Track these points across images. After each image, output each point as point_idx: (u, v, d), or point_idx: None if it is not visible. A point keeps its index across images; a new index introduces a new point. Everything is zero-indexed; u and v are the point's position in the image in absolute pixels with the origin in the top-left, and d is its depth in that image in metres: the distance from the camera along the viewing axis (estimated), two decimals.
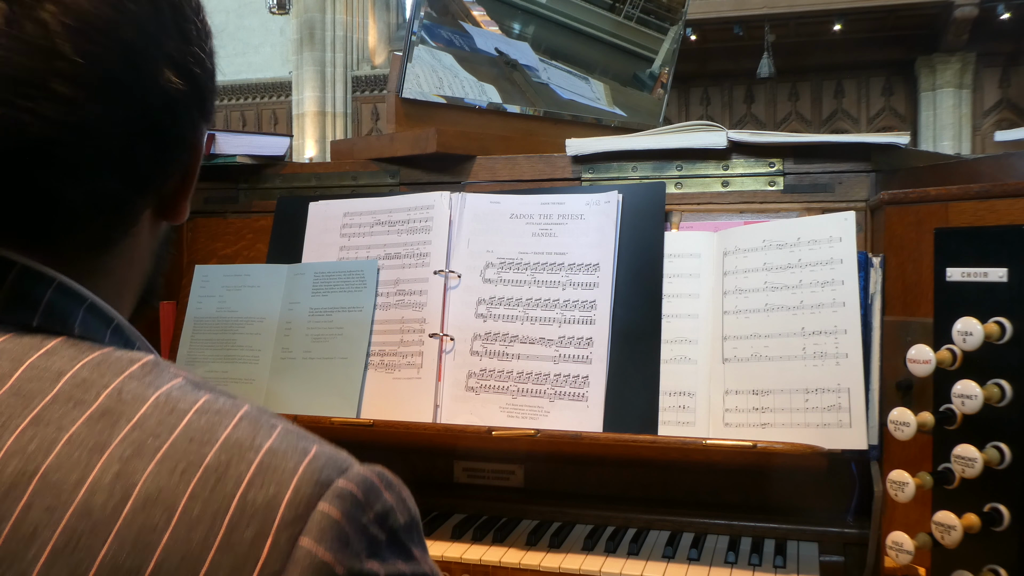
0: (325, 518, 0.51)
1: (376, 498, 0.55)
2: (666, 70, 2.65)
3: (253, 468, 0.52)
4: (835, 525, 1.51)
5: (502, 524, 1.62)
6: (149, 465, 0.51)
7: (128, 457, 0.51)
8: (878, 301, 1.47)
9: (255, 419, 0.56)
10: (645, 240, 1.65)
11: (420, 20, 2.03)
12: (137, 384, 0.56)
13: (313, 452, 0.54)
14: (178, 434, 0.53)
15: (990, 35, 10.75)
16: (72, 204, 0.61)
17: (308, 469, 0.53)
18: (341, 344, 1.73)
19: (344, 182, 2.00)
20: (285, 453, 0.53)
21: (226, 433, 0.54)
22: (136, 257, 0.70)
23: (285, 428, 0.56)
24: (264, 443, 0.54)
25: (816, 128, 12.19)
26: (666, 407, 1.55)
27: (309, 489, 0.52)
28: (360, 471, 0.55)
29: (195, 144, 0.70)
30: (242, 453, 0.53)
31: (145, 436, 0.53)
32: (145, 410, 0.54)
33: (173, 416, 0.54)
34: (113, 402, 0.54)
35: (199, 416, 0.54)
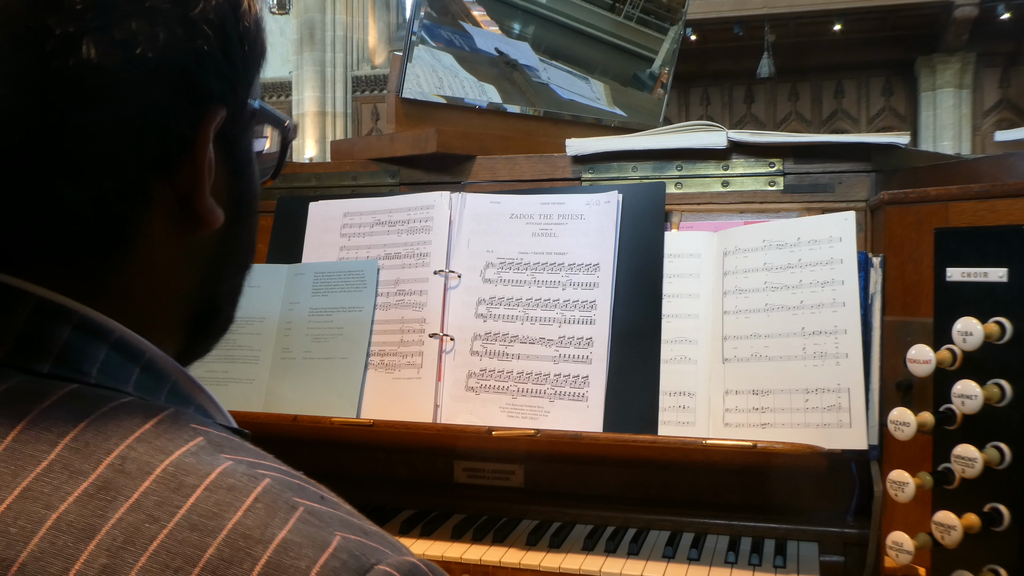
0: None
1: None
2: (666, 70, 2.65)
3: (258, 568, 0.45)
4: (835, 525, 1.51)
5: (502, 524, 1.62)
6: (140, 559, 0.44)
7: (119, 547, 0.45)
8: (878, 301, 1.47)
9: (274, 499, 0.48)
10: (645, 240, 1.65)
11: (420, 20, 2.03)
12: (146, 449, 0.49)
13: (333, 547, 0.47)
14: (179, 520, 0.46)
15: (990, 35, 10.75)
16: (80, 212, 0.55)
17: (322, 571, 0.45)
18: (341, 344, 1.73)
19: (344, 182, 2.00)
20: (299, 548, 0.46)
21: (235, 520, 0.46)
22: (161, 274, 0.61)
23: (307, 511, 0.48)
24: (277, 534, 0.46)
25: (816, 128, 12.19)
26: (666, 407, 1.55)
27: None
28: (384, 570, 0.47)
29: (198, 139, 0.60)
30: (249, 548, 0.45)
31: (142, 520, 0.46)
32: (148, 485, 0.47)
33: (178, 494, 0.47)
34: (114, 473, 0.47)
35: (208, 495, 0.47)
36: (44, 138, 0.53)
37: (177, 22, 0.57)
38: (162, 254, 0.61)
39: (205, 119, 0.60)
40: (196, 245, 0.63)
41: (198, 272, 0.65)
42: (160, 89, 0.56)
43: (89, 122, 0.54)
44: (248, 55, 0.64)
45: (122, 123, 0.55)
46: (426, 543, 1.55)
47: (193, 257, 0.64)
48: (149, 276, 0.60)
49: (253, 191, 0.69)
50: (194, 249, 0.63)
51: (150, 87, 0.56)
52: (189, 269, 0.64)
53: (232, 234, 0.66)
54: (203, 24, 0.59)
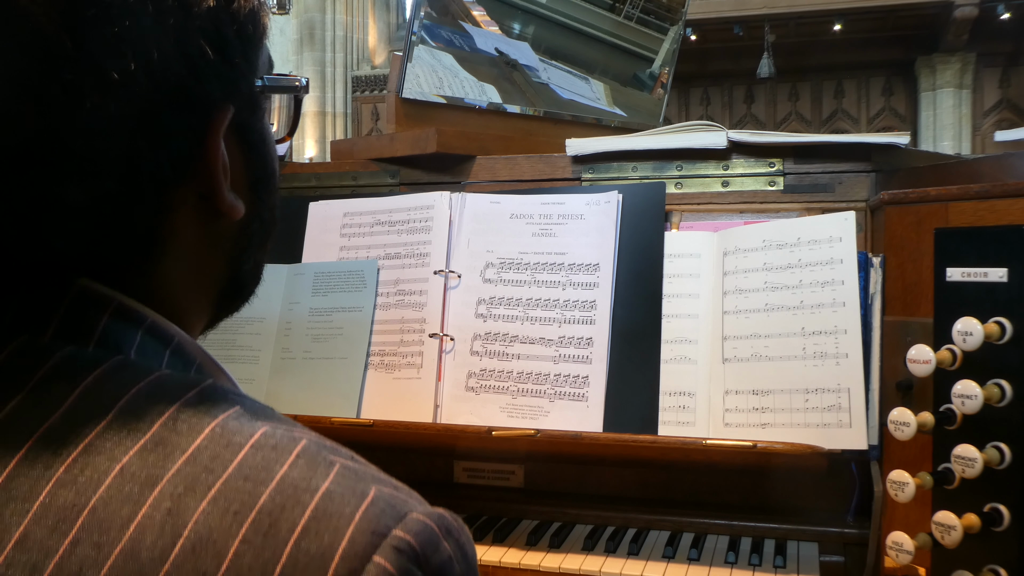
0: (381, 573, 0.48)
1: (434, 550, 0.52)
2: (666, 70, 2.65)
3: (308, 513, 0.49)
4: (835, 525, 1.51)
5: (502, 524, 1.62)
6: (202, 503, 0.49)
7: (181, 494, 0.49)
8: (878, 301, 1.47)
9: (313, 456, 0.53)
10: (645, 240, 1.65)
11: (420, 20, 2.03)
12: (192, 412, 0.53)
13: (371, 497, 0.51)
14: (232, 471, 0.50)
15: (990, 35, 10.75)
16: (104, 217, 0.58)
17: (364, 517, 0.50)
18: (341, 344, 1.73)
19: (344, 182, 2.00)
20: (342, 497, 0.51)
21: (282, 472, 0.51)
22: (191, 265, 0.65)
23: (343, 467, 0.53)
24: (320, 485, 0.51)
25: (816, 128, 12.19)
26: (666, 407, 1.55)
27: (365, 539, 0.49)
28: (418, 518, 0.52)
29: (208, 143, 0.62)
30: (297, 496, 0.50)
31: (199, 471, 0.50)
32: (200, 442, 0.52)
33: (228, 450, 0.51)
34: (168, 432, 0.52)
35: (255, 452, 0.52)
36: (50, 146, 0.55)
37: (169, 39, 0.58)
38: (191, 249, 0.65)
39: (212, 124, 0.62)
40: (221, 232, 0.67)
41: (224, 256, 0.69)
42: (160, 105, 0.58)
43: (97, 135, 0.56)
44: (247, 47, 0.66)
45: (130, 138, 0.57)
46: None
47: (219, 244, 0.68)
48: (181, 269, 0.64)
49: (270, 169, 0.72)
50: (220, 236, 0.67)
51: (149, 104, 0.58)
52: (216, 255, 0.68)
53: (254, 215, 0.70)
54: (198, 35, 0.60)
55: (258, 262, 0.75)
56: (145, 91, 0.57)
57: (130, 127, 0.57)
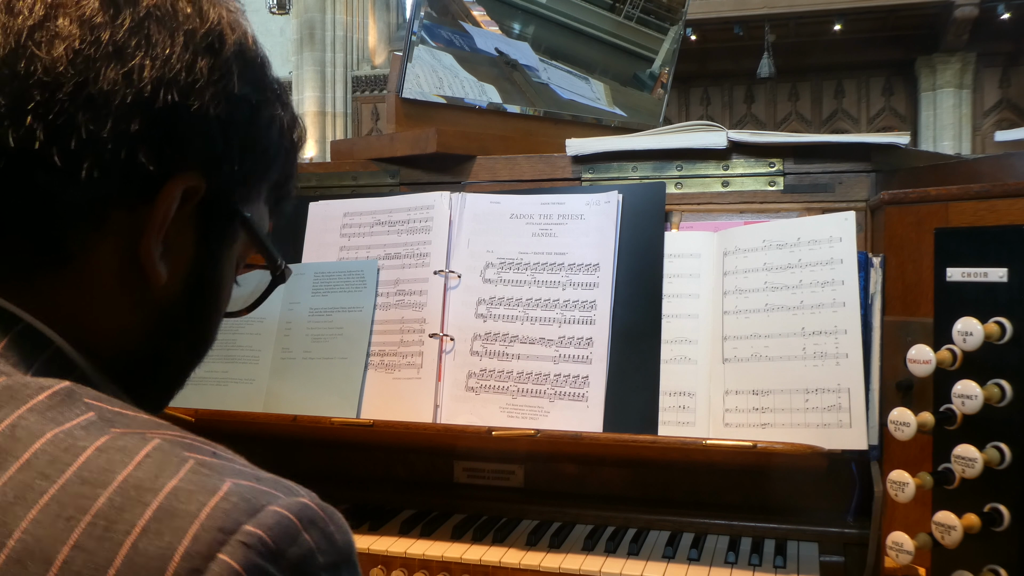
0: (224, 571, 0.45)
1: (290, 542, 0.48)
2: (666, 70, 2.65)
3: (149, 513, 0.46)
4: (835, 525, 1.51)
5: (502, 524, 1.62)
6: (31, 511, 0.46)
7: (10, 503, 0.46)
8: (878, 301, 1.47)
9: (164, 454, 0.49)
10: (645, 240, 1.65)
11: (420, 20, 2.03)
12: (36, 419, 0.50)
13: (223, 491, 0.48)
14: (70, 475, 0.47)
15: (990, 35, 10.74)
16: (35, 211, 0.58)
17: (213, 512, 0.47)
18: (341, 344, 1.73)
19: (344, 182, 2.00)
20: (190, 494, 0.47)
21: (125, 473, 0.48)
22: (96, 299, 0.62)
23: (198, 463, 0.50)
24: (167, 483, 0.48)
25: (816, 128, 12.18)
26: (666, 407, 1.55)
27: (209, 536, 0.46)
28: (275, 510, 0.49)
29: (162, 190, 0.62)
30: (140, 495, 0.47)
31: (32, 478, 0.47)
32: (38, 447, 0.48)
33: (68, 454, 0.48)
34: (4, 440, 0.49)
35: (98, 455, 0.48)
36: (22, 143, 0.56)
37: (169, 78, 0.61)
38: (101, 283, 0.62)
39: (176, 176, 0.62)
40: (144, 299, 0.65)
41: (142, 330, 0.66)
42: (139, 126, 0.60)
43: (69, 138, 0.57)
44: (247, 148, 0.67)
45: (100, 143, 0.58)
46: (426, 543, 1.55)
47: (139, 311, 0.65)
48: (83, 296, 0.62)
49: (218, 279, 0.71)
50: (140, 303, 0.65)
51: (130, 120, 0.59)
52: (132, 314, 0.65)
53: (185, 311, 0.68)
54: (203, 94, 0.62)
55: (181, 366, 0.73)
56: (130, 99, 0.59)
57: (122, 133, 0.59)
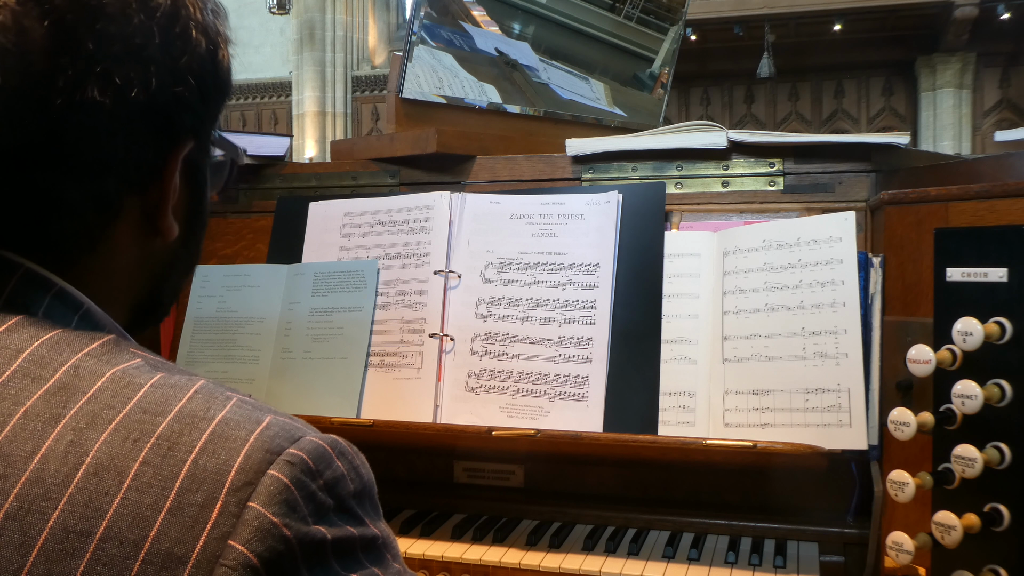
0: (274, 483, 0.53)
1: (326, 466, 0.56)
2: (666, 70, 2.65)
3: (205, 436, 0.54)
4: (835, 525, 1.51)
5: (502, 524, 1.62)
6: (102, 435, 0.53)
7: (82, 428, 0.53)
8: (878, 301, 1.47)
9: (210, 392, 0.57)
10: (645, 240, 1.65)
11: (420, 20, 2.03)
12: (95, 361, 0.57)
13: (266, 422, 0.56)
14: (132, 406, 0.55)
15: (990, 35, 10.74)
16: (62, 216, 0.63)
17: (260, 438, 0.54)
18: (341, 344, 1.73)
19: (344, 182, 2.00)
20: (238, 423, 0.55)
21: (180, 405, 0.55)
22: (117, 274, 0.70)
23: (241, 400, 0.58)
24: (217, 414, 0.55)
25: (816, 128, 12.18)
26: (666, 407, 1.55)
27: (259, 456, 0.53)
28: (312, 439, 0.57)
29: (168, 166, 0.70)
30: (195, 422, 0.54)
31: (100, 408, 0.54)
32: (101, 384, 0.56)
33: (128, 389, 0.56)
34: (70, 377, 0.56)
35: (154, 390, 0.56)
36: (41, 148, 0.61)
37: (167, 71, 0.66)
38: (122, 258, 0.70)
39: (176, 150, 0.70)
40: (152, 252, 0.73)
41: (148, 273, 0.74)
42: (143, 126, 0.66)
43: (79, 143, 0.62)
44: (219, 96, 0.74)
45: (107, 149, 0.64)
46: (426, 543, 1.55)
47: (147, 263, 0.73)
48: (107, 274, 0.69)
49: (205, 208, 0.80)
50: (150, 256, 0.73)
51: (136, 123, 0.65)
52: (141, 272, 0.73)
53: (183, 245, 0.76)
54: (187, 73, 0.68)
55: (177, 288, 0.81)
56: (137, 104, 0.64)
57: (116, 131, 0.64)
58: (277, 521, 0.52)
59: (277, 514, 0.52)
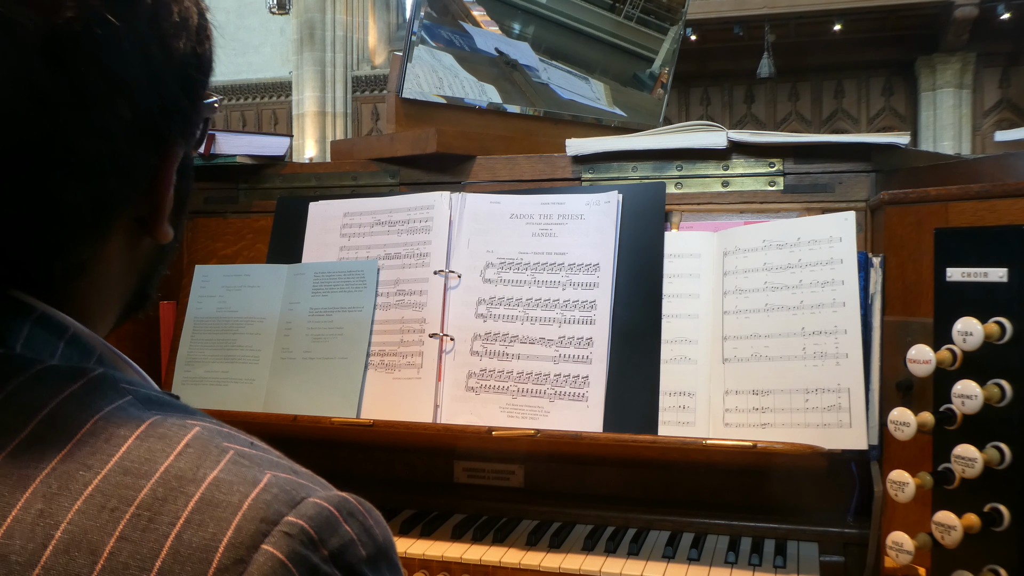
0: (269, 561, 0.46)
1: (331, 533, 0.50)
2: (666, 70, 2.65)
3: (192, 504, 0.47)
4: (835, 525, 1.51)
5: (502, 524, 1.62)
6: (76, 502, 0.47)
7: (54, 493, 0.47)
8: (878, 301, 1.47)
9: (204, 444, 0.51)
10: (645, 240, 1.65)
11: (420, 20, 2.03)
12: (76, 405, 0.51)
13: (264, 483, 0.49)
14: (113, 465, 0.48)
15: (990, 35, 10.74)
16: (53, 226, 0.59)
17: (254, 504, 0.48)
18: (341, 344, 1.73)
19: (344, 182, 2.00)
20: (231, 485, 0.48)
21: (167, 463, 0.49)
22: (110, 280, 0.66)
23: (238, 453, 0.51)
24: (208, 474, 0.49)
25: (816, 128, 12.18)
26: (666, 407, 1.55)
27: (253, 527, 0.47)
28: (315, 502, 0.50)
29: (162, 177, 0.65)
30: (181, 486, 0.48)
31: (75, 468, 0.48)
32: (79, 437, 0.49)
33: (110, 444, 0.49)
34: (45, 428, 0.50)
35: (140, 443, 0.50)
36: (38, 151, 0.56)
37: (148, 80, 0.61)
38: (115, 266, 0.65)
39: (169, 158, 0.65)
40: (142, 254, 0.69)
41: (137, 272, 0.70)
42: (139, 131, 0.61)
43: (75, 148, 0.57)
44: (202, 88, 0.69)
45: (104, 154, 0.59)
46: (426, 543, 1.55)
47: (137, 264, 0.69)
48: (99, 283, 0.64)
49: (189, 197, 0.74)
50: (140, 258, 0.69)
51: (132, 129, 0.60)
52: (132, 272, 0.69)
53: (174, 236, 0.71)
54: (172, 78, 0.63)
55: (160, 278, 0.77)
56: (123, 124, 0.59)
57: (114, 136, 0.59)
58: None
59: None
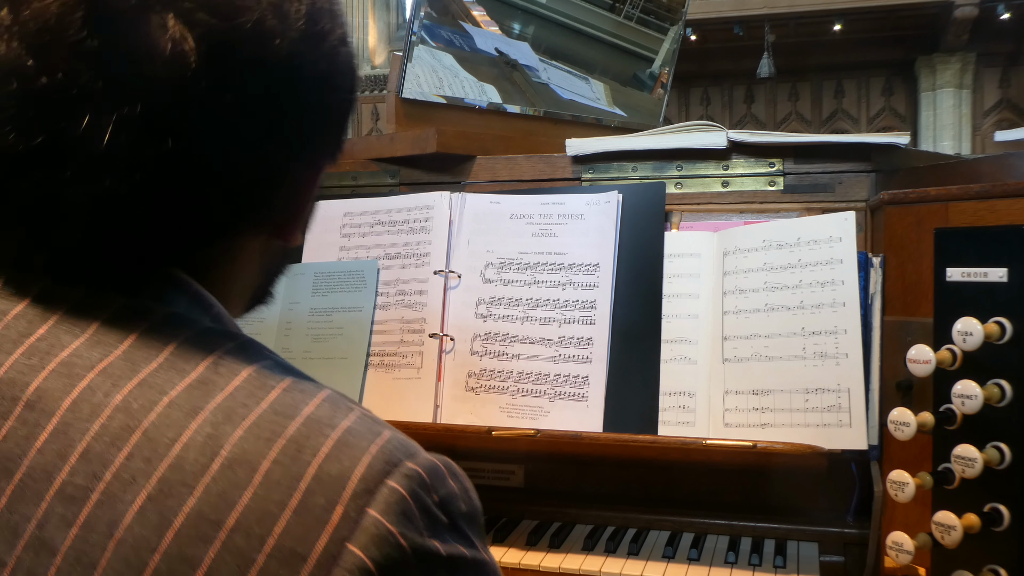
0: (393, 493, 0.55)
1: (441, 483, 0.59)
2: (666, 70, 2.65)
3: (330, 443, 0.56)
4: (835, 525, 1.51)
5: (502, 524, 1.62)
6: (237, 430, 0.56)
7: (219, 422, 0.56)
8: (878, 301, 1.47)
9: (335, 401, 0.60)
10: (645, 240, 1.65)
11: (420, 20, 2.03)
12: (232, 359, 0.61)
13: (386, 437, 0.58)
14: (265, 406, 0.57)
15: (990, 35, 10.73)
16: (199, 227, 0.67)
17: (380, 449, 0.57)
18: (341, 344, 1.73)
19: (344, 182, 2.00)
20: (361, 433, 0.57)
21: (308, 410, 0.58)
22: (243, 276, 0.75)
23: (362, 413, 0.61)
24: (342, 423, 0.58)
25: (816, 128, 12.17)
26: (666, 407, 1.55)
27: (379, 466, 0.55)
28: (428, 457, 0.60)
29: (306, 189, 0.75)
30: (321, 429, 0.57)
31: (236, 405, 0.57)
32: (238, 382, 0.59)
33: (262, 390, 0.59)
34: (210, 373, 0.59)
35: (285, 393, 0.59)
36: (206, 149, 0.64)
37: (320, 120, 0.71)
38: (250, 261, 0.75)
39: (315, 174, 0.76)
40: (272, 255, 0.78)
41: (264, 273, 0.79)
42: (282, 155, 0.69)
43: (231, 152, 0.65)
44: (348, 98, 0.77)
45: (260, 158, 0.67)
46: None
47: (266, 263, 0.78)
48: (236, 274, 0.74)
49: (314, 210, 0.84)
50: (270, 258, 0.78)
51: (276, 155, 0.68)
52: (260, 272, 0.78)
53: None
54: (331, 110, 0.72)
55: (281, 275, 0.85)
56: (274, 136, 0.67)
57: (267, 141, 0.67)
58: (394, 530, 0.54)
59: (394, 523, 0.54)
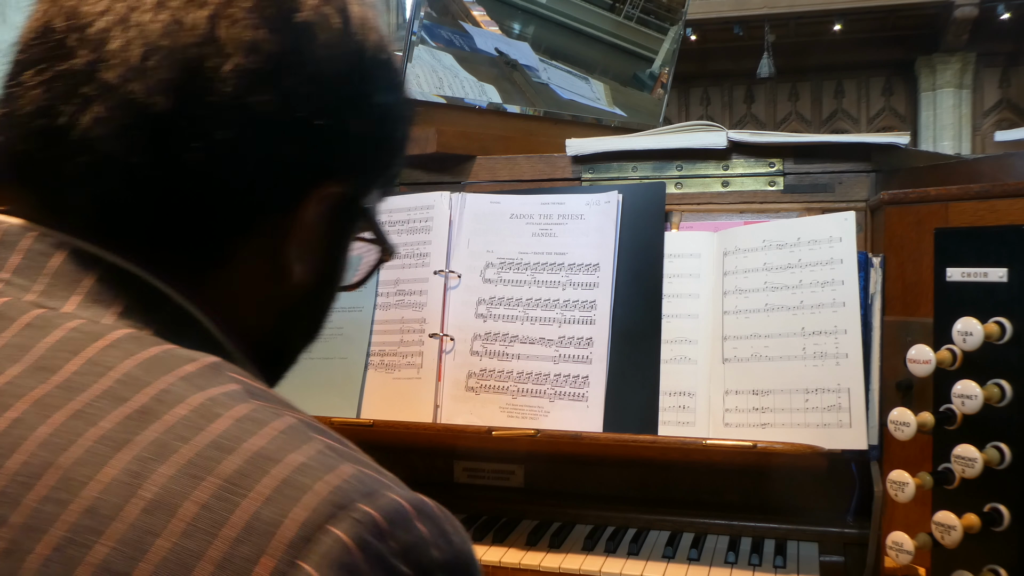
0: (336, 543, 0.47)
1: (403, 528, 0.50)
2: (666, 70, 2.65)
3: (271, 481, 0.48)
4: (835, 525, 1.51)
5: (502, 524, 1.62)
6: (165, 467, 0.49)
7: (147, 458, 0.50)
8: (878, 301, 1.47)
9: (295, 432, 0.52)
10: (645, 240, 1.65)
11: (420, 20, 2.03)
12: (185, 385, 0.53)
13: (344, 473, 0.50)
14: (206, 439, 0.50)
15: (990, 35, 10.73)
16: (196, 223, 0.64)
17: (332, 491, 0.49)
18: (341, 344, 1.73)
19: None
20: (311, 470, 0.49)
21: (255, 442, 0.50)
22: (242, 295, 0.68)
23: (327, 446, 0.52)
24: (291, 457, 0.50)
25: (816, 128, 12.17)
26: (666, 407, 1.55)
27: (324, 509, 0.48)
28: (391, 497, 0.50)
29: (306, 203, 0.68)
30: (264, 465, 0.49)
31: (171, 438, 0.50)
32: (181, 411, 0.52)
33: (207, 419, 0.51)
34: (153, 402, 0.52)
35: (235, 423, 0.51)
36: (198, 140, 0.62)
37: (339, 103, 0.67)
38: (243, 280, 0.68)
39: (320, 187, 0.68)
40: (281, 293, 0.70)
41: (274, 313, 0.72)
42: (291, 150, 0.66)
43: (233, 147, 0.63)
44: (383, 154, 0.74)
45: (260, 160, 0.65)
46: None
47: (274, 302, 0.71)
48: (227, 289, 0.67)
49: (340, 275, 0.78)
50: (279, 296, 0.71)
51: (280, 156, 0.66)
52: (268, 308, 0.71)
53: (313, 299, 0.75)
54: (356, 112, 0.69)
55: (296, 351, 0.79)
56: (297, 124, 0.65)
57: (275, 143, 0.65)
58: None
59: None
